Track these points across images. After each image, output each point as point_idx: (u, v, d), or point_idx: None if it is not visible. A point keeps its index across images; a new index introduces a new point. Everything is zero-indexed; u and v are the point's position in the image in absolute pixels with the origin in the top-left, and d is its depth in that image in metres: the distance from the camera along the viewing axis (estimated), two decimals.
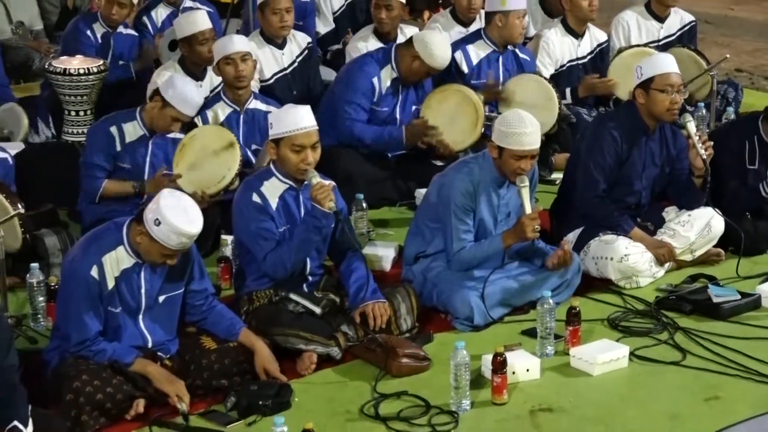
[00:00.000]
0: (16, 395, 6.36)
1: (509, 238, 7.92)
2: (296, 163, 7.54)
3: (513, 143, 7.74)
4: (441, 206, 8.01)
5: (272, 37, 10.72)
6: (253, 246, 7.65)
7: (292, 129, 7.52)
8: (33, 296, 8.04)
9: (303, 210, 7.65)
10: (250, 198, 7.61)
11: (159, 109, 8.75)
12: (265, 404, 6.86)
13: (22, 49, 13.22)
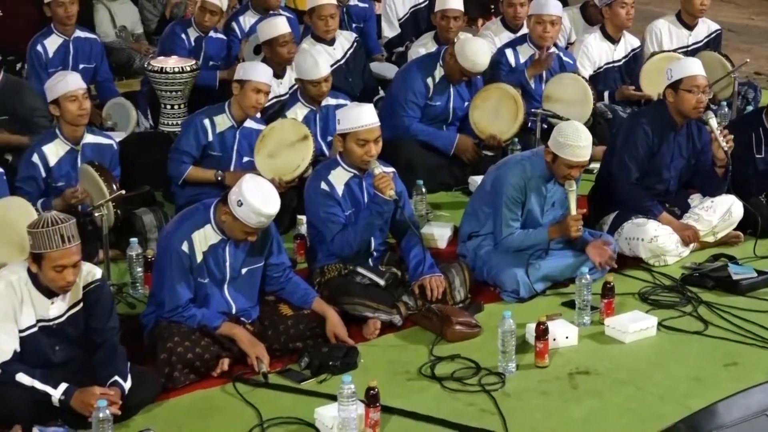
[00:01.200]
0: (117, 354, 6.43)
1: (554, 232, 7.92)
2: (360, 155, 7.55)
3: (568, 154, 7.72)
4: (494, 195, 8.00)
5: (321, 37, 10.76)
6: (322, 228, 7.67)
7: (357, 125, 7.53)
8: (132, 267, 8.09)
9: (366, 195, 7.65)
10: (319, 186, 7.63)
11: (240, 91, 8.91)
12: (335, 364, 6.89)
13: (124, 50, 13.27)
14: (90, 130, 8.74)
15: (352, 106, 7.83)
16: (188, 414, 6.53)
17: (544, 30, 10.53)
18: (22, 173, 8.51)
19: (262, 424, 6.35)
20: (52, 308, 6.36)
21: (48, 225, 6.14)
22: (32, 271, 6.27)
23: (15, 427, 6.10)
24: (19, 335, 6.29)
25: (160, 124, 10.59)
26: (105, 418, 5.89)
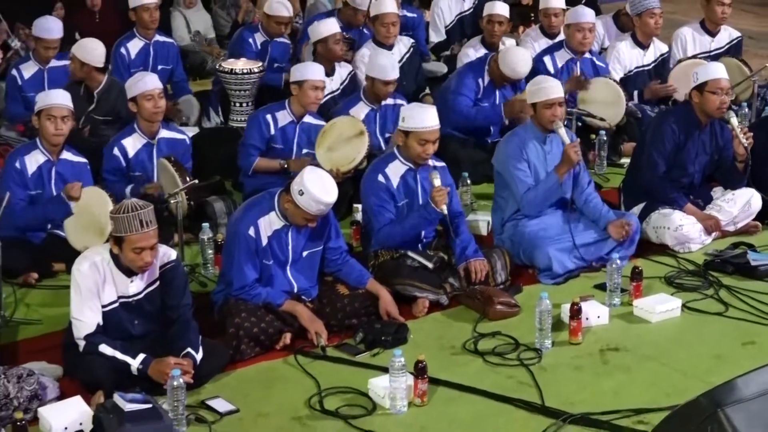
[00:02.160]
0: (190, 328, 6.47)
1: (560, 168, 7.94)
2: (419, 153, 7.55)
3: (542, 95, 7.94)
4: (501, 166, 8.07)
5: (382, 42, 10.75)
6: (372, 218, 7.67)
7: (422, 126, 7.51)
8: (204, 249, 8.12)
9: (420, 187, 7.64)
10: (376, 178, 7.63)
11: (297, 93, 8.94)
12: (387, 339, 6.89)
13: (198, 53, 13.31)
14: (165, 126, 8.77)
15: (418, 107, 7.78)
16: (253, 383, 6.55)
17: (584, 37, 10.52)
18: (106, 165, 8.57)
19: (320, 392, 6.36)
20: (132, 286, 6.40)
21: (128, 211, 6.17)
22: (114, 252, 6.31)
23: (98, 392, 6.14)
24: (102, 310, 6.34)
25: (229, 120, 10.62)
26: (178, 386, 5.93)
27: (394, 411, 6.14)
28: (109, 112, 9.80)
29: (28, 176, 8.03)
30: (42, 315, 7.41)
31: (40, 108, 8.06)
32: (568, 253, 7.86)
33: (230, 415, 6.17)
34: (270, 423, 6.12)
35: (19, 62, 10.71)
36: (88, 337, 6.27)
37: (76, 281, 6.33)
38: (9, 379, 6.03)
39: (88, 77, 9.70)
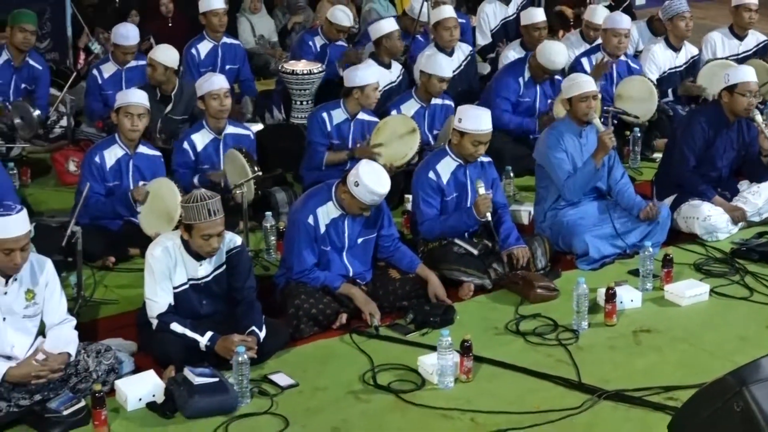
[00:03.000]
0: (254, 308, 6.49)
1: (597, 154, 7.88)
2: (472, 152, 7.54)
3: (576, 89, 7.92)
4: (542, 157, 8.03)
5: (444, 47, 10.72)
6: (417, 211, 7.67)
7: (478, 129, 7.49)
8: (267, 236, 8.14)
9: (469, 181, 7.62)
10: (427, 174, 7.61)
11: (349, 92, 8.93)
12: (435, 320, 6.89)
13: (262, 55, 13.34)
14: (231, 123, 8.79)
15: (475, 110, 7.71)
16: (312, 359, 6.56)
17: (619, 41, 10.45)
18: (176, 158, 8.60)
19: (373, 369, 6.37)
20: (200, 269, 6.43)
21: (198, 201, 6.21)
22: (184, 238, 6.35)
23: (169, 367, 6.18)
24: (173, 291, 6.37)
25: (291, 117, 10.64)
26: (243, 362, 5.96)
27: (442, 386, 6.15)
28: (184, 111, 9.86)
29: (107, 169, 8.08)
30: (118, 295, 7.47)
31: (119, 105, 8.11)
32: (603, 240, 7.82)
33: (290, 389, 6.18)
34: (327, 396, 6.13)
35: (99, 63, 10.78)
36: (160, 316, 6.31)
37: (149, 265, 6.37)
38: (89, 354, 6.08)
39: (168, 80, 9.73)
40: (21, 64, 10.39)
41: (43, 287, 6.07)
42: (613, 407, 5.95)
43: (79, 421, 5.76)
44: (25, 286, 6.01)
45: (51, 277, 6.11)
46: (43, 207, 8.93)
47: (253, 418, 5.88)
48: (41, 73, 10.56)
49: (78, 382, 6.01)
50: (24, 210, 5.91)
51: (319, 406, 6.03)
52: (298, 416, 5.89)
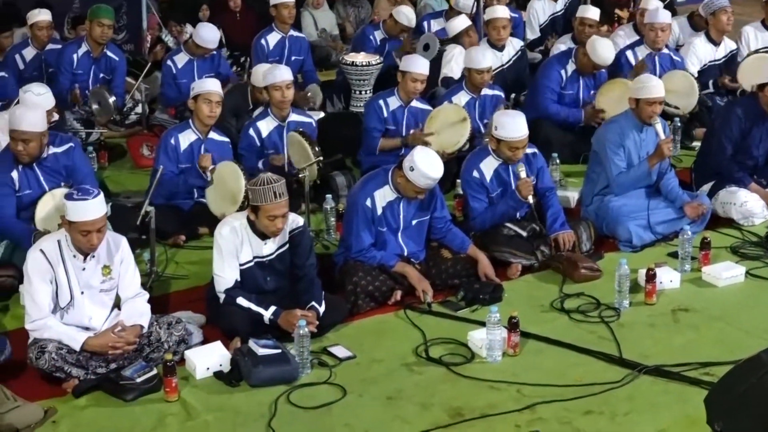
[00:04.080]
0: (314, 284, 6.50)
1: (652, 159, 7.82)
2: (510, 156, 7.46)
3: (646, 93, 7.79)
4: (600, 147, 7.95)
5: (494, 43, 10.66)
6: (469, 208, 7.64)
7: (511, 137, 7.38)
8: (327, 217, 8.15)
9: (512, 178, 7.55)
10: (471, 174, 7.57)
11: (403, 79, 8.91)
12: (484, 297, 6.88)
13: (324, 48, 13.33)
14: (295, 110, 8.80)
15: (509, 117, 7.52)
16: (368, 333, 6.57)
17: (656, 35, 10.35)
18: (242, 143, 8.62)
19: (426, 342, 6.37)
20: (265, 248, 6.44)
21: (264, 184, 6.22)
22: (251, 218, 6.37)
23: (235, 338, 6.21)
24: (239, 268, 6.40)
25: (350, 105, 10.65)
26: (304, 335, 5.98)
27: (490, 360, 6.14)
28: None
29: (181, 151, 8.13)
30: (188, 271, 7.52)
31: (198, 93, 8.14)
32: (645, 229, 7.75)
33: (348, 361, 6.20)
34: (382, 368, 6.14)
35: (172, 54, 10.84)
36: (227, 291, 6.34)
37: (217, 243, 6.39)
38: (160, 326, 6.12)
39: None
40: (99, 55, 10.47)
41: (119, 263, 6.13)
42: (652, 382, 5.91)
43: (152, 388, 5.81)
44: (102, 262, 6.07)
45: (126, 254, 6.17)
46: (119, 188, 8.99)
47: (312, 387, 5.89)
48: (118, 64, 10.64)
49: (150, 351, 6.06)
50: (101, 194, 5.96)
51: (375, 377, 6.03)
52: (355, 386, 5.90)
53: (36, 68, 10.67)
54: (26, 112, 7.09)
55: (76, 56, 10.41)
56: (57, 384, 5.86)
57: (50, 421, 5.57)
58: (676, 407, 5.65)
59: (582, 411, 5.61)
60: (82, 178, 7.32)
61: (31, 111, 7.15)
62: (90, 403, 5.76)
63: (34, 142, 7.10)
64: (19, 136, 7.05)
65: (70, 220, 5.86)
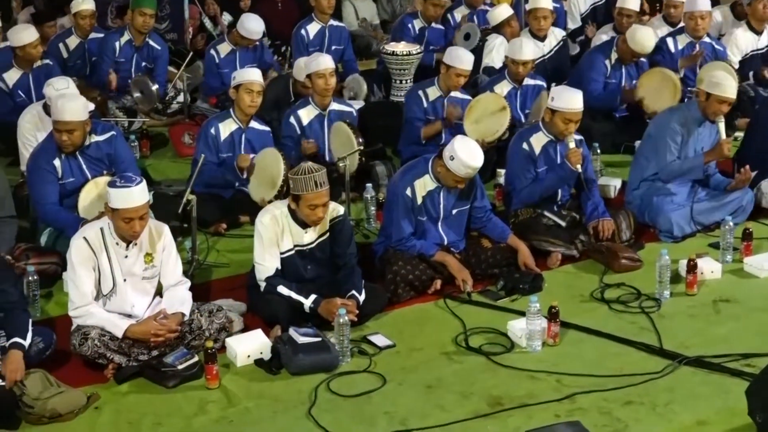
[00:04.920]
0: (354, 273, 6.51)
1: (709, 155, 7.75)
2: (562, 130, 7.45)
3: (720, 91, 7.63)
4: (658, 134, 7.86)
5: (536, 34, 10.60)
6: (515, 180, 7.62)
7: (568, 108, 7.40)
8: (367, 206, 8.15)
9: (559, 157, 7.54)
10: (521, 145, 7.57)
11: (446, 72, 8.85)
12: (524, 287, 6.86)
13: (364, 37, 13.33)
14: (335, 99, 8.81)
15: (568, 90, 7.61)
16: (408, 322, 6.58)
17: (696, 24, 10.28)
18: (283, 132, 8.64)
19: (465, 332, 6.37)
20: (306, 236, 6.46)
21: (306, 173, 6.24)
22: (291, 207, 6.38)
23: (276, 326, 6.23)
24: (280, 257, 6.42)
25: (391, 95, 10.64)
26: (344, 323, 5.99)
27: (530, 349, 6.13)
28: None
29: (221, 141, 8.17)
30: (229, 259, 7.54)
31: (239, 83, 8.16)
32: (687, 220, 7.69)
33: (388, 349, 6.20)
34: (422, 356, 6.14)
35: (215, 43, 10.89)
36: (268, 279, 6.36)
37: (258, 231, 6.42)
38: (202, 314, 6.15)
39: None
40: (141, 44, 10.53)
41: (161, 251, 6.16)
42: (692, 372, 5.88)
43: (193, 375, 5.85)
44: (144, 250, 6.11)
45: (168, 242, 6.20)
46: (161, 177, 9.04)
47: (352, 375, 5.91)
48: (160, 53, 10.68)
49: (192, 339, 6.09)
50: (143, 182, 6.00)
51: (415, 366, 6.04)
52: (394, 374, 5.91)
53: (79, 57, 10.74)
54: (67, 102, 7.13)
55: (118, 45, 10.47)
56: (99, 370, 5.91)
57: (93, 406, 5.62)
58: (717, 398, 5.62)
59: (622, 401, 5.59)
60: (125, 166, 7.37)
61: (72, 101, 7.19)
62: (132, 390, 5.81)
63: (78, 131, 7.16)
64: (62, 126, 7.10)
65: (113, 207, 5.90)
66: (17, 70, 9.72)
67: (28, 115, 8.47)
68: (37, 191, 7.24)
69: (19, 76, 9.72)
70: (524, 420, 5.43)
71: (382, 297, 6.65)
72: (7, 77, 9.70)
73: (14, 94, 9.70)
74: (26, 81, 9.73)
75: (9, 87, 9.69)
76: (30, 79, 9.73)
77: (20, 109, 9.26)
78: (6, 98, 9.70)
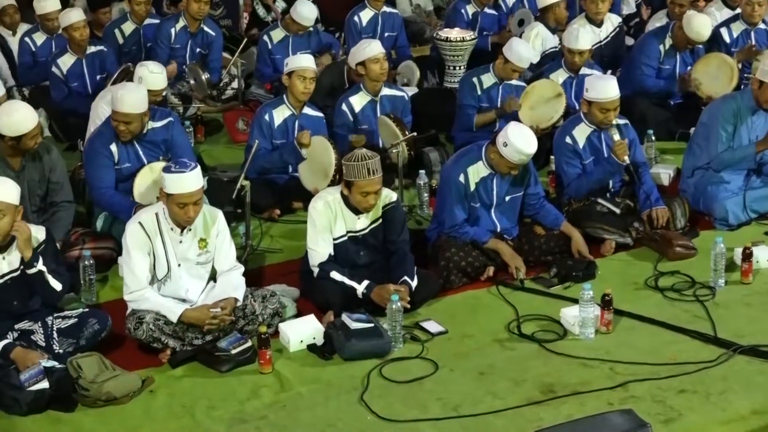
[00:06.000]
0: (407, 259, 6.52)
1: (761, 145, 7.63)
2: (602, 119, 7.40)
3: None
4: (710, 122, 7.78)
5: (592, 18, 10.51)
6: (562, 174, 7.60)
7: (602, 97, 7.34)
8: (420, 193, 8.15)
9: (605, 146, 7.49)
10: (564, 140, 7.53)
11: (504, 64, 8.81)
12: (577, 274, 6.84)
13: (417, 23, 13.28)
14: (386, 85, 8.80)
15: (601, 79, 7.57)
16: (461, 308, 6.58)
17: (753, 9, 10.15)
18: (336, 120, 8.64)
19: (518, 319, 6.36)
20: (358, 222, 6.48)
21: (359, 160, 6.25)
22: (344, 193, 6.40)
23: (329, 312, 6.26)
24: (332, 243, 6.44)
25: (444, 81, 10.60)
26: (397, 309, 6.00)
27: (583, 337, 6.11)
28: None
29: (275, 127, 8.19)
30: (282, 245, 7.58)
31: (292, 69, 8.17)
32: (742, 208, 7.61)
33: (440, 335, 6.21)
34: (474, 343, 6.15)
35: (268, 29, 10.92)
36: (321, 265, 6.39)
37: (311, 217, 6.44)
38: (255, 299, 6.19)
39: None
40: (196, 31, 10.57)
41: (215, 237, 6.21)
42: (747, 362, 5.83)
43: (246, 360, 5.89)
44: (199, 235, 6.15)
45: (222, 228, 6.24)
46: (216, 162, 9.08)
47: (404, 361, 5.92)
48: (214, 39, 10.72)
49: (245, 324, 6.13)
50: (198, 167, 6.04)
51: (467, 352, 6.04)
52: (447, 361, 5.92)
53: (135, 43, 10.80)
54: (127, 94, 7.14)
55: (173, 31, 10.52)
56: (154, 354, 5.97)
57: (147, 390, 5.68)
58: None
59: (676, 390, 5.56)
60: (181, 152, 7.40)
61: (133, 93, 7.19)
62: (186, 374, 5.86)
63: (135, 123, 7.19)
64: (120, 117, 7.14)
65: (168, 192, 5.95)
66: (71, 56, 9.82)
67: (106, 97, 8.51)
68: (94, 175, 7.30)
69: (73, 62, 9.82)
70: (577, 407, 5.42)
71: (434, 283, 6.65)
72: (61, 63, 9.81)
73: (69, 80, 9.81)
74: (80, 67, 9.83)
75: (64, 73, 9.79)
76: (84, 65, 9.84)
77: (75, 96, 9.37)
78: (61, 84, 9.81)
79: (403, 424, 5.34)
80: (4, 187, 5.80)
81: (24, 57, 10.49)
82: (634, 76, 9.66)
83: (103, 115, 8.29)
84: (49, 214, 6.99)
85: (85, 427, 5.39)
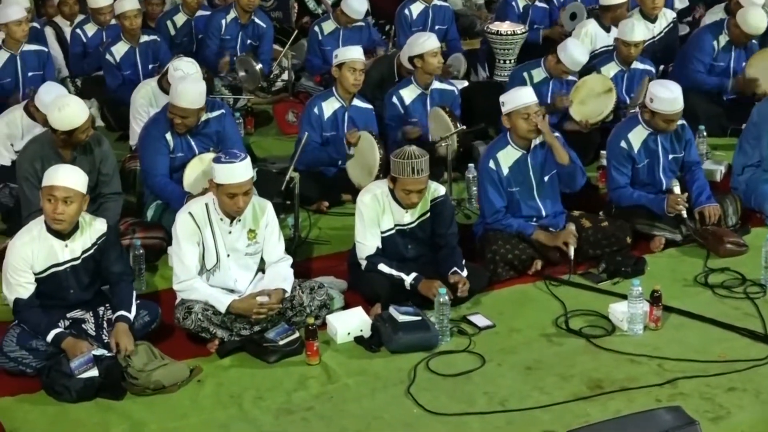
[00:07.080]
0: (455, 252, 6.53)
1: None
2: (664, 128, 7.27)
3: None
4: (761, 120, 7.72)
5: (647, 13, 10.41)
6: (608, 178, 7.52)
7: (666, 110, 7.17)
8: (469, 186, 8.14)
9: (660, 148, 7.37)
10: (618, 144, 7.40)
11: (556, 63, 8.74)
12: (626, 270, 6.80)
13: (468, 16, 13.24)
14: (437, 78, 8.78)
15: (667, 91, 7.21)
16: (508, 302, 6.57)
17: None
18: (388, 114, 8.64)
19: (566, 314, 6.33)
20: (406, 216, 6.48)
21: (406, 157, 6.26)
22: (390, 188, 6.40)
23: (376, 304, 6.27)
24: (380, 236, 6.45)
25: (494, 75, 10.58)
26: (444, 303, 6.00)
27: (631, 333, 6.08)
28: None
29: (324, 119, 8.21)
30: (330, 237, 7.59)
31: (342, 61, 8.18)
32: None
33: (487, 329, 6.20)
34: (521, 337, 6.13)
35: (320, 21, 10.95)
36: (369, 258, 6.40)
37: (359, 210, 6.45)
38: (303, 291, 6.21)
39: None
40: (247, 22, 10.61)
41: (264, 228, 6.23)
42: None
43: (294, 351, 5.91)
44: (248, 226, 6.18)
45: (271, 219, 6.27)
46: (265, 154, 9.12)
47: (451, 355, 5.92)
48: (265, 31, 10.76)
49: (293, 315, 6.15)
50: (247, 158, 6.06)
51: (514, 347, 6.03)
52: (494, 355, 5.91)
53: (186, 34, 10.87)
54: (186, 89, 7.17)
55: (224, 22, 10.58)
56: (202, 344, 6.00)
57: (195, 379, 5.72)
58: None
59: (725, 387, 5.52)
60: (231, 143, 7.44)
61: (192, 87, 7.22)
62: (234, 364, 5.90)
63: (192, 118, 7.24)
64: (178, 111, 7.18)
65: (218, 182, 5.97)
66: (125, 44, 9.90)
67: (142, 90, 8.60)
68: (148, 162, 7.35)
69: (126, 50, 9.90)
70: (625, 403, 5.39)
71: (483, 276, 6.64)
72: (115, 51, 9.89)
73: (122, 68, 9.88)
74: (133, 55, 9.91)
75: (117, 60, 9.87)
76: (137, 54, 9.92)
77: (128, 84, 9.43)
78: (116, 72, 9.90)
79: (449, 417, 5.34)
80: (74, 174, 5.85)
81: (75, 47, 10.61)
82: (687, 72, 9.57)
83: (141, 108, 8.37)
84: (97, 205, 7.04)
85: (134, 416, 5.43)
